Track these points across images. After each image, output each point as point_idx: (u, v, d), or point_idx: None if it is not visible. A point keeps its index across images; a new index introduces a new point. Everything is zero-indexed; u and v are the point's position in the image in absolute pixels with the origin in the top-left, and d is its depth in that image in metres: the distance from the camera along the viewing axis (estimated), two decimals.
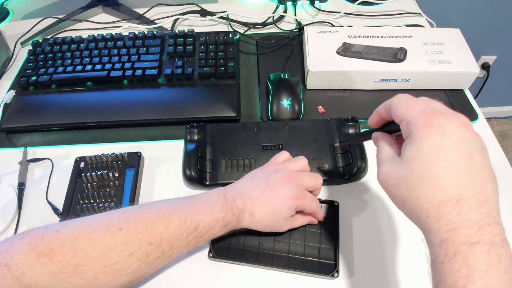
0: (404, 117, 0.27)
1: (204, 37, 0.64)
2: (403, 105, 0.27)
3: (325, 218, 0.44)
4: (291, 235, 0.43)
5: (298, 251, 0.42)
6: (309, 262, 0.41)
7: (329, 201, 0.45)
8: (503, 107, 1.62)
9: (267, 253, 0.42)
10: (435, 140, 0.25)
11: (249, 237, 0.43)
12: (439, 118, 0.25)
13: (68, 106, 0.56)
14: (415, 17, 0.74)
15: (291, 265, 0.41)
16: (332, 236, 0.43)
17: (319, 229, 0.43)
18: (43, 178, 0.51)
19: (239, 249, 0.42)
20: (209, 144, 0.49)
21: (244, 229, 0.40)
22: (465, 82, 0.58)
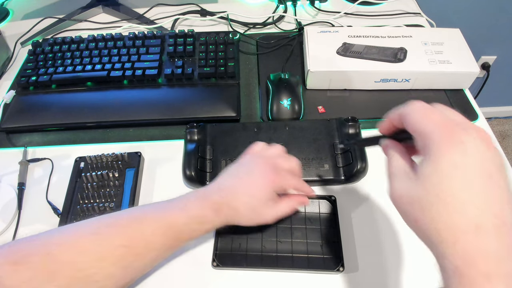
0: (420, 129, 0.25)
1: (204, 37, 0.64)
2: (419, 115, 0.25)
3: (323, 213, 0.44)
4: (293, 233, 0.43)
5: (301, 250, 0.42)
6: (313, 259, 0.41)
7: (326, 196, 0.46)
8: (503, 107, 1.62)
9: (271, 255, 0.42)
10: (455, 158, 0.22)
11: (251, 240, 0.43)
12: (461, 133, 0.23)
13: (68, 106, 0.56)
14: (415, 17, 0.74)
15: (296, 265, 0.41)
16: (332, 231, 0.43)
17: (319, 225, 0.44)
18: (43, 178, 0.51)
19: (242, 254, 0.42)
20: (209, 144, 0.49)
21: (245, 232, 0.40)
22: (465, 82, 0.58)
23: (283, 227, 0.44)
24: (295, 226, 0.44)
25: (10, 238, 0.45)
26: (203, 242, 0.44)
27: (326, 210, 0.45)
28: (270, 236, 0.43)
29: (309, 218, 0.44)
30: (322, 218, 0.44)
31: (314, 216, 0.45)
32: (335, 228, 0.43)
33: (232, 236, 0.43)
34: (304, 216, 0.45)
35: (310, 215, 0.45)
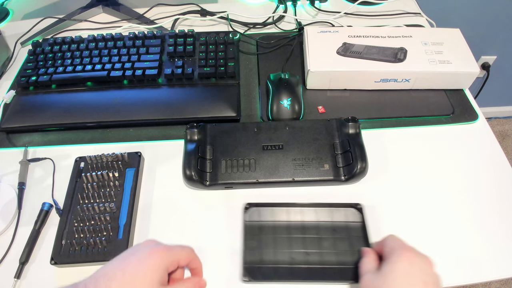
0: (390, 246, 0.37)
1: (204, 37, 0.64)
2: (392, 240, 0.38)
3: (350, 222, 0.44)
4: (320, 244, 0.42)
5: (331, 260, 0.41)
6: (345, 270, 0.41)
7: (352, 204, 0.45)
8: (503, 107, 1.62)
9: (301, 267, 0.41)
10: (404, 265, 0.34)
11: (279, 253, 0.42)
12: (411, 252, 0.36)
13: (68, 106, 0.56)
14: (415, 17, 0.74)
15: (327, 276, 0.40)
16: (361, 239, 0.43)
17: (347, 234, 0.43)
18: (43, 178, 0.51)
19: (271, 267, 0.41)
20: (209, 144, 0.49)
21: (272, 245, 0.41)
22: (465, 82, 0.58)
23: (310, 238, 0.43)
24: (323, 236, 0.43)
25: (10, 238, 0.45)
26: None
27: (353, 219, 0.44)
28: (298, 247, 0.42)
29: (336, 228, 0.44)
30: (349, 226, 0.43)
31: (341, 225, 0.44)
32: (364, 236, 0.43)
33: (260, 249, 0.42)
34: (330, 225, 0.44)
35: (336, 225, 0.44)
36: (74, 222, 0.44)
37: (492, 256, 0.43)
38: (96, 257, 0.42)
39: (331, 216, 0.45)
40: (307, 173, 0.47)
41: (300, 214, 0.45)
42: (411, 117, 0.56)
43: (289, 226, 0.44)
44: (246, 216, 0.45)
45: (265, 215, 0.45)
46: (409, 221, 0.46)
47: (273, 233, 0.43)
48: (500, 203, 0.47)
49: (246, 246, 0.43)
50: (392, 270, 0.35)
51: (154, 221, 0.46)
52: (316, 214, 0.45)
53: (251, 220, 0.45)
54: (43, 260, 0.43)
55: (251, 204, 0.45)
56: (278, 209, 0.45)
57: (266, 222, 0.44)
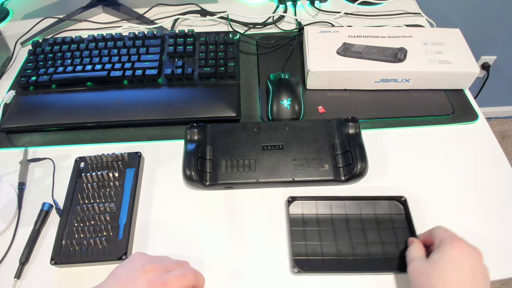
0: (441, 236, 0.38)
1: (204, 37, 0.64)
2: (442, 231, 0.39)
3: (394, 214, 0.45)
4: (366, 236, 0.43)
5: (377, 252, 0.42)
6: (392, 260, 0.42)
7: (395, 197, 0.46)
8: (503, 107, 1.61)
9: (348, 258, 0.42)
10: (454, 254, 0.36)
11: (326, 245, 0.43)
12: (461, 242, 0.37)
13: (68, 106, 0.56)
14: (415, 17, 0.74)
15: (374, 267, 0.41)
16: (405, 230, 0.44)
17: (391, 225, 0.44)
18: (43, 178, 0.51)
19: (319, 259, 0.42)
20: (209, 144, 0.49)
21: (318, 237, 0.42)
22: (465, 82, 0.58)
23: (355, 230, 0.44)
24: (367, 228, 0.44)
25: (10, 238, 0.45)
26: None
27: (396, 211, 0.45)
28: (344, 239, 0.43)
29: (380, 220, 0.45)
30: (393, 219, 0.44)
31: (385, 218, 0.45)
32: (409, 228, 0.44)
33: (306, 241, 0.43)
34: (374, 218, 0.45)
35: (380, 217, 0.45)
36: (74, 222, 0.44)
37: (492, 256, 0.43)
38: (96, 257, 0.42)
39: (374, 208, 0.46)
40: (307, 173, 0.47)
41: (343, 207, 0.46)
42: (411, 117, 0.56)
43: (333, 219, 0.45)
44: (290, 209, 0.45)
45: (308, 209, 0.46)
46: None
47: (317, 225, 0.44)
48: (500, 203, 0.47)
49: (293, 238, 0.43)
50: (441, 257, 0.36)
51: (154, 221, 0.46)
52: (359, 207, 0.46)
53: (295, 214, 0.45)
54: (43, 260, 0.43)
55: (294, 197, 0.46)
56: (321, 202, 0.46)
57: (309, 215, 0.45)
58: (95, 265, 0.43)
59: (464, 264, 0.35)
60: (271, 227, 0.45)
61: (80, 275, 0.42)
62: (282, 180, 0.47)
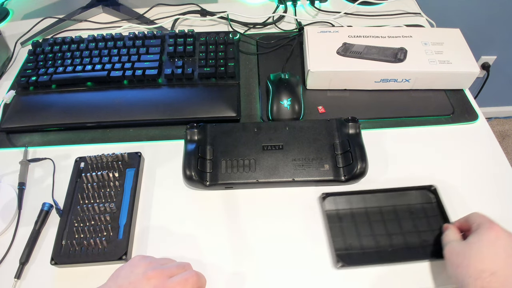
0: (478, 220, 0.40)
1: (204, 37, 0.64)
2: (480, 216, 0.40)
3: (426, 203, 0.46)
4: (401, 226, 0.44)
5: (414, 241, 0.43)
6: (429, 248, 0.43)
7: (425, 186, 0.47)
8: (503, 107, 1.62)
9: (387, 249, 0.43)
10: (491, 237, 0.37)
11: (363, 238, 0.44)
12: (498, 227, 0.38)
13: (68, 106, 0.56)
14: (415, 17, 0.74)
15: (413, 256, 0.42)
16: (439, 217, 0.45)
17: (424, 215, 0.45)
18: (44, 178, 0.51)
19: (359, 252, 0.42)
20: (209, 144, 0.49)
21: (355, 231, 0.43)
22: (465, 82, 0.58)
23: (390, 221, 0.45)
24: (401, 218, 0.45)
25: (10, 238, 0.45)
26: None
27: (427, 200, 0.46)
28: (380, 231, 0.44)
29: (412, 210, 0.46)
30: (425, 207, 0.46)
31: (417, 207, 0.46)
32: (442, 215, 0.45)
33: (344, 236, 0.44)
34: (407, 208, 0.46)
35: (413, 207, 0.46)
36: (74, 222, 0.44)
37: None
38: (96, 258, 0.42)
39: (406, 199, 0.47)
40: (307, 173, 0.47)
41: (375, 199, 0.47)
42: (411, 117, 0.56)
43: (367, 212, 0.46)
44: (324, 205, 0.46)
45: (341, 203, 0.46)
46: None
47: (352, 219, 0.45)
48: (500, 203, 0.47)
49: (332, 233, 0.44)
50: (478, 239, 0.37)
51: (154, 221, 0.46)
52: (391, 199, 0.47)
53: (330, 210, 0.46)
54: (43, 260, 0.43)
55: (327, 193, 0.47)
56: (353, 196, 0.47)
57: (343, 210, 0.46)
58: (95, 265, 0.43)
59: (500, 247, 0.36)
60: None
61: (80, 275, 0.42)
62: (282, 180, 0.47)
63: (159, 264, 0.37)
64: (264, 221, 0.46)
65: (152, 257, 0.38)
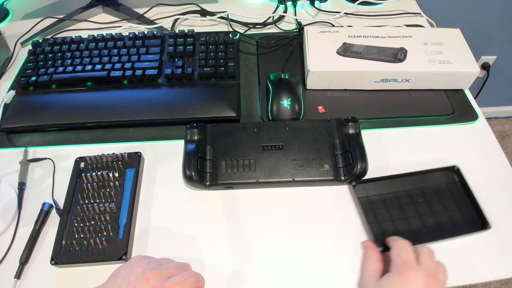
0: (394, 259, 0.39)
1: (204, 37, 0.64)
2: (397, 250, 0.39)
3: (449, 183, 0.48)
4: (431, 207, 0.46)
5: (444, 219, 0.45)
6: (460, 225, 0.44)
7: (448, 167, 0.49)
8: (503, 107, 1.62)
9: (421, 230, 0.44)
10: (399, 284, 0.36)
11: (398, 222, 0.45)
12: (410, 272, 0.36)
13: (68, 106, 0.56)
14: (415, 17, 0.74)
15: (446, 234, 0.44)
16: (464, 196, 0.47)
17: (450, 194, 0.47)
18: (44, 178, 0.51)
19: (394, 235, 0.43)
20: (209, 144, 0.49)
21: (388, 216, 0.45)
22: (465, 82, 0.58)
23: (420, 203, 0.46)
24: (430, 199, 0.47)
25: (10, 238, 0.45)
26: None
27: (452, 180, 0.48)
28: (412, 213, 0.45)
29: (439, 190, 0.47)
30: (451, 188, 0.48)
31: (443, 188, 0.48)
32: (467, 194, 0.47)
33: (379, 221, 0.45)
34: (434, 189, 0.48)
35: (439, 188, 0.48)
36: (74, 222, 0.44)
37: (492, 256, 0.43)
38: (96, 258, 0.42)
39: (431, 181, 0.48)
40: (307, 173, 0.47)
41: (402, 184, 0.48)
42: (411, 117, 0.56)
43: (397, 196, 0.47)
44: (357, 193, 0.47)
45: (371, 190, 0.48)
46: None
47: (384, 205, 0.47)
48: (500, 203, 0.47)
49: (368, 220, 0.45)
50: (385, 285, 0.37)
51: (154, 221, 0.46)
52: (417, 182, 0.48)
53: (362, 196, 0.47)
54: (43, 260, 0.43)
55: (357, 181, 0.48)
56: (381, 183, 0.48)
57: (374, 196, 0.47)
58: (95, 265, 0.43)
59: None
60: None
61: (80, 275, 0.42)
62: (282, 180, 0.47)
63: (158, 264, 0.37)
64: (264, 221, 0.46)
65: (151, 257, 0.38)
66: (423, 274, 0.36)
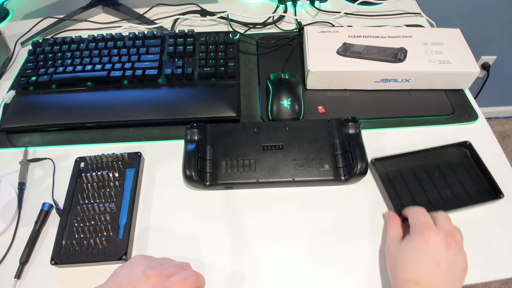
0: (412, 222, 0.41)
1: (204, 37, 0.64)
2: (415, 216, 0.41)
3: (462, 158, 0.51)
4: (447, 180, 0.49)
5: (460, 191, 0.48)
6: (473, 195, 0.47)
7: (460, 143, 0.51)
8: (503, 107, 1.62)
9: (439, 202, 0.47)
10: (419, 244, 0.38)
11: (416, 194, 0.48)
12: (430, 232, 0.38)
13: (68, 106, 0.56)
14: (415, 17, 0.74)
15: (462, 203, 0.46)
16: (476, 169, 0.49)
17: (463, 168, 0.50)
18: (43, 178, 0.51)
19: None
20: (209, 144, 0.49)
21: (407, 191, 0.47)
22: (465, 82, 0.58)
23: (436, 177, 0.49)
24: (445, 173, 0.49)
25: (10, 238, 0.45)
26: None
27: (464, 155, 0.51)
28: (429, 187, 0.48)
29: (453, 165, 0.50)
30: (463, 162, 0.50)
31: (457, 162, 0.50)
32: (479, 166, 0.49)
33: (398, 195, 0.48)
34: (447, 164, 0.50)
35: (453, 162, 0.50)
36: (74, 222, 0.44)
37: (492, 256, 0.43)
38: (96, 258, 0.42)
39: (445, 156, 0.51)
40: (307, 173, 0.47)
41: (418, 159, 0.50)
42: (411, 117, 0.56)
43: (414, 171, 0.50)
44: (377, 169, 0.50)
45: (389, 166, 0.50)
46: None
47: (403, 179, 0.49)
48: (500, 203, 0.47)
49: (389, 194, 0.47)
50: (407, 245, 0.39)
51: (154, 221, 0.46)
52: (433, 157, 0.51)
53: (381, 172, 0.50)
54: (43, 260, 0.43)
55: (377, 159, 0.50)
56: (398, 159, 0.50)
57: (392, 171, 0.50)
58: (95, 265, 0.43)
59: (428, 254, 0.37)
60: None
61: (80, 275, 0.42)
62: (282, 180, 0.47)
63: (158, 263, 0.37)
64: (264, 221, 0.46)
65: (152, 257, 0.38)
66: (442, 233, 0.38)
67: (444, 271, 0.36)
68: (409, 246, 0.39)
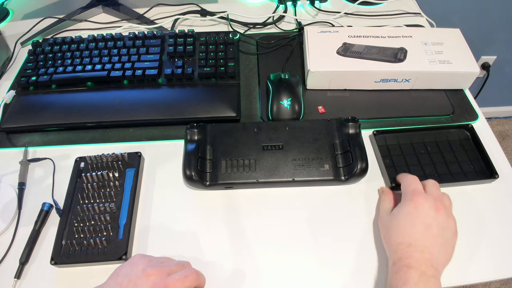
0: (403, 188, 0.43)
1: (204, 37, 0.64)
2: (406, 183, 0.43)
3: (462, 139, 0.52)
4: (444, 158, 0.50)
5: (456, 169, 0.50)
6: (469, 174, 0.49)
7: (463, 125, 0.53)
8: (503, 107, 1.61)
9: (433, 175, 0.49)
10: (410, 209, 0.40)
11: (412, 167, 0.50)
12: (420, 197, 0.41)
13: (68, 106, 0.56)
14: (415, 17, 0.74)
15: (456, 179, 0.48)
16: (475, 151, 0.51)
17: (463, 147, 0.51)
18: (44, 178, 0.51)
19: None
20: (209, 144, 0.49)
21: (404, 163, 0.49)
22: (465, 82, 0.58)
23: (434, 154, 0.51)
24: (444, 151, 0.51)
25: (10, 238, 0.45)
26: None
27: (465, 137, 0.52)
28: (427, 161, 0.50)
29: (452, 144, 0.52)
30: (463, 143, 0.52)
31: (456, 142, 0.52)
32: (478, 148, 0.51)
33: (394, 167, 0.50)
34: (447, 143, 0.52)
35: (452, 142, 0.52)
36: (74, 222, 0.44)
37: (492, 256, 0.43)
38: (96, 257, 0.42)
39: (447, 136, 0.53)
40: (307, 173, 0.47)
41: (419, 136, 0.53)
42: (411, 117, 0.56)
43: (413, 146, 0.52)
44: (377, 141, 0.52)
45: (390, 140, 0.53)
46: None
47: (401, 152, 0.51)
48: (499, 203, 0.47)
49: (385, 164, 0.49)
50: (398, 212, 0.41)
51: (154, 221, 0.46)
52: (434, 136, 0.53)
53: (381, 144, 0.52)
54: (43, 260, 0.43)
55: (378, 131, 0.52)
56: (400, 134, 0.53)
57: (392, 145, 0.52)
58: (95, 265, 0.43)
59: (418, 218, 0.39)
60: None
61: (80, 275, 0.42)
62: (282, 180, 0.47)
63: (158, 262, 0.37)
64: (264, 220, 0.46)
65: (152, 256, 0.38)
66: (431, 199, 0.40)
67: (435, 234, 0.38)
68: (400, 212, 0.41)
